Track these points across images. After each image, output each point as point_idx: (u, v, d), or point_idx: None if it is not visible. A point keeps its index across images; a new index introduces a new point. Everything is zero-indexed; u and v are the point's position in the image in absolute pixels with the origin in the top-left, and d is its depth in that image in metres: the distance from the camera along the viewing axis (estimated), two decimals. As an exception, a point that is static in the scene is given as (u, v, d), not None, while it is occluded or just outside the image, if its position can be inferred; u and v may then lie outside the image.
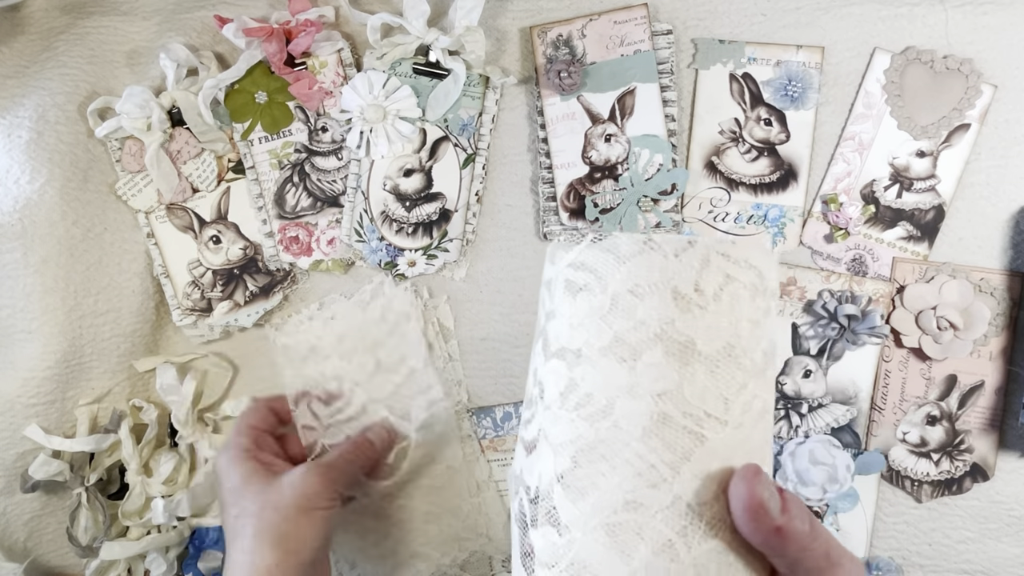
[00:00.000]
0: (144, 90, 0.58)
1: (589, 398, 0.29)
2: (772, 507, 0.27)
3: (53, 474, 0.58)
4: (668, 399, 0.28)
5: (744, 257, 0.30)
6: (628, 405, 0.29)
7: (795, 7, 0.57)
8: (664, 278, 0.29)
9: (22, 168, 0.57)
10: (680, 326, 0.29)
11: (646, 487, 0.28)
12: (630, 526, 0.28)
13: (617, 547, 0.28)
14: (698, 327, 0.29)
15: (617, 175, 0.58)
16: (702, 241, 0.30)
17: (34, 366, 0.58)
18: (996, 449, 0.57)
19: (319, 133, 0.60)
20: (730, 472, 0.28)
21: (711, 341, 0.29)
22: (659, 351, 0.29)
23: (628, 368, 0.29)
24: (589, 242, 0.31)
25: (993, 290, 0.56)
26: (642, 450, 0.28)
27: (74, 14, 0.60)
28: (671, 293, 0.29)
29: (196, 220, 0.61)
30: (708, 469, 0.28)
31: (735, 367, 0.29)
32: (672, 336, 0.29)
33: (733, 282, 0.30)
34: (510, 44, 0.59)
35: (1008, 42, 0.56)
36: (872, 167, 0.57)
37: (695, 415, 0.28)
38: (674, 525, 0.28)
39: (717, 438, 0.28)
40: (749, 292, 0.30)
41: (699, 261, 0.30)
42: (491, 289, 0.60)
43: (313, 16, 0.58)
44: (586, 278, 0.31)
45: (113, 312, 0.60)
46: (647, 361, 0.29)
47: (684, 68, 0.58)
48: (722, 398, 0.29)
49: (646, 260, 0.30)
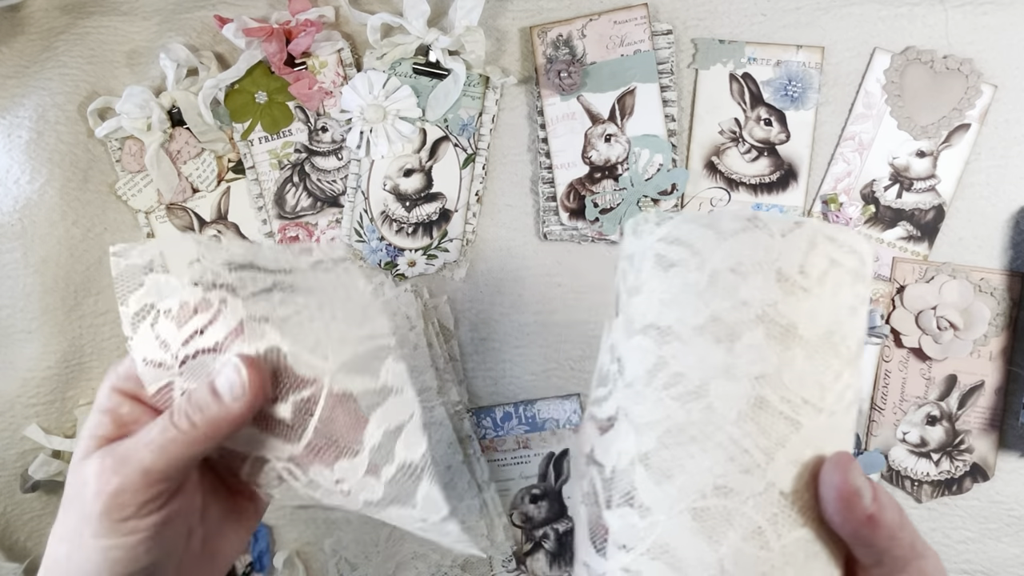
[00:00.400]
0: (144, 90, 0.58)
1: (680, 377, 0.28)
2: (865, 495, 0.27)
3: (53, 474, 0.58)
4: (766, 383, 0.27)
5: (849, 242, 0.29)
6: (724, 387, 0.28)
7: (795, 7, 0.57)
8: (769, 258, 0.28)
9: (22, 168, 0.57)
10: (783, 308, 0.28)
11: (738, 472, 0.27)
12: (719, 511, 0.27)
13: (704, 532, 0.27)
14: (801, 310, 0.28)
15: (617, 175, 0.58)
16: (809, 223, 0.29)
17: (34, 366, 0.58)
18: (996, 449, 0.57)
19: (319, 133, 0.60)
20: (821, 461, 0.27)
21: (813, 326, 0.28)
22: (760, 333, 0.28)
23: (725, 349, 0.28)
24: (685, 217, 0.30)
25: (993, 290, 0.56)
26: (736, 434, 0.27)
27: (74, 14, 0.60)
28: (775, 274, 0.28)
29: (196, 220, 0.61)
30: (802, 457, 0.27)
31: (833, 354, 0.28)
32: (774, 318, 0.28)
33: (837, 267, 0.29)
34: (510, 44, 0.59)
35: (1008, 42, 0.56)
36: (872, 167, 0.57)
37: (792, 401, 0.27)
38: (765, 512, 0.27)
39: (812, 425, 0.28)
40: (851, 278, 0.29)
41: (806, 243, 0.28)
42: (491, 289, 0.60)
43: (313, 16, 0.58)
44: (681, 253, 0.29)
45: (113, 312, 0.60)
46: (747, 342, 0.28)
47: (684, 68, 0.58)
48: (819, 385, 0.28)
49: (750, 238, 0.28)
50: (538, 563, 0.60)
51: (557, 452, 0.60)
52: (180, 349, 0.32)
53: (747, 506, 0.27)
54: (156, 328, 0.32)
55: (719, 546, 0.27)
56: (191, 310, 0.32)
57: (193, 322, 0.32)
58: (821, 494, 0.27)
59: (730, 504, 0.27)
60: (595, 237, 0.59)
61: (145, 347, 0.32)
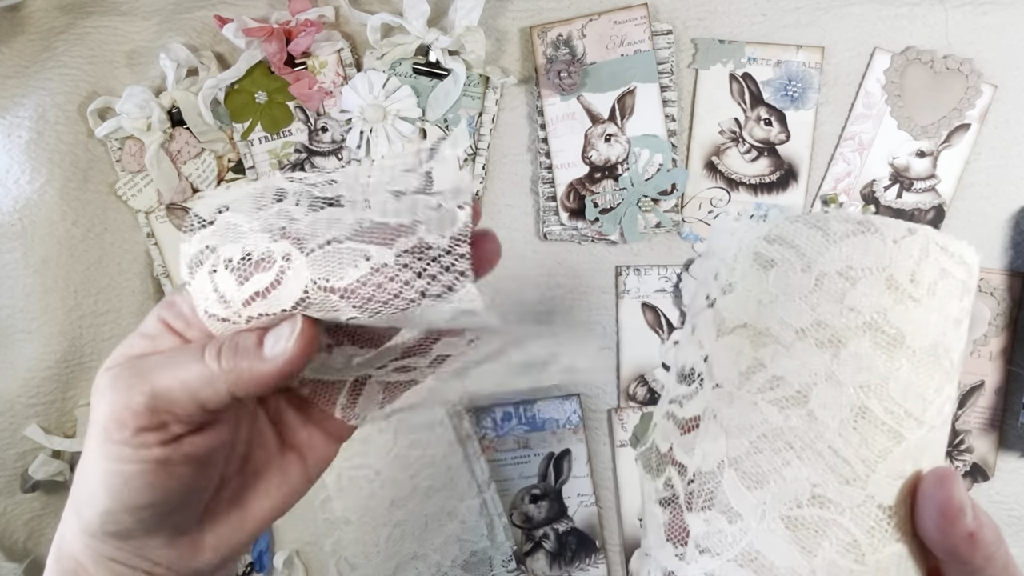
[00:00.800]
0: (144, 90, 0.58)
1: (779, 381, 0.28)
2: (967, 512, 0.26)
3: (53, 474, 0.58)
4: (871, 392, 0.27)
5: (960, 253, 0.29)
6: (826, 394, 0.27)
7: (795, 7, 0.57)
8: (880, 264, 0.27)
9: (22, 168, 0.57)
10: (892, 317, 0.27)
11: (837, 483, 0.26)
12: (815, 521, 0.26)
13: (798, 541, 0.26)
14: (909, 320, 0.27)
15: (617, 175, 0.58)
16: (922, 230, 0.28)
17: (34, 366, 0.58)
18: (996, 449, 0.57)
19: (319, 133, 0.60)
20: (919, 475, 0.27)
21: (920, 337, 0.27)
22: (867, 341, 0.27)
23: (831, 355, 0.27)
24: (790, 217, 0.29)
25: (993, 290, 0.56)
26: (838, 443, 0.27)
27: (74, 14, 0.60)
28: (886, 281, 0.27)
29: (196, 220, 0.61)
30: (902, 471, 0.27)
31: (936, 367, 0.28)
32: (882, 327, 0.27)
33: (948, 277, 0.28)
34: (510, 44, 0.59)
35: (1008, 42, 0.56)
36: (872, 167, 0.57)
37: (896, 412, 0.27)
38: (863, 525, 0.26)
39: (913, 439, 0.27)
40: (959, 290, 0.28)
41: (919, 251, 0.28)
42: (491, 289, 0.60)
43: (313, 16, 0.58)
44: (785, 253, 0.28)
45: (113, 312, 0.60)
46: (853, 350, 0.27)
47: (684, 68, 0.58)
48: (922, 398, 0.27)
49: (862, 242, 0.28)
50: (538, 563, 0.60)
51: (557, 452, 0.60)
52: (242, 309, 0.28)
53: (844, 518, 0.26)
54: (215, 279, 0.29)
55: (812, 557, 0.26)
56: (253, 264, 0.28)
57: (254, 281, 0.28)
58: (921, 509, 0.27)
59: (827, 515, 0.26)
60: (595, 237, 0.59)
61: (206, 299, 0.29)
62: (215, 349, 0.27)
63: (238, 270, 0.28)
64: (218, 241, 0.29)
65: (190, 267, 0.29)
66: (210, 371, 0.27)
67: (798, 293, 0.28)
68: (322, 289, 0.27)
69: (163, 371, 0.27)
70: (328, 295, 0.28)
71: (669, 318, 0.59)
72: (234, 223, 0.29)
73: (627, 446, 0.59)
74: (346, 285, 0.27)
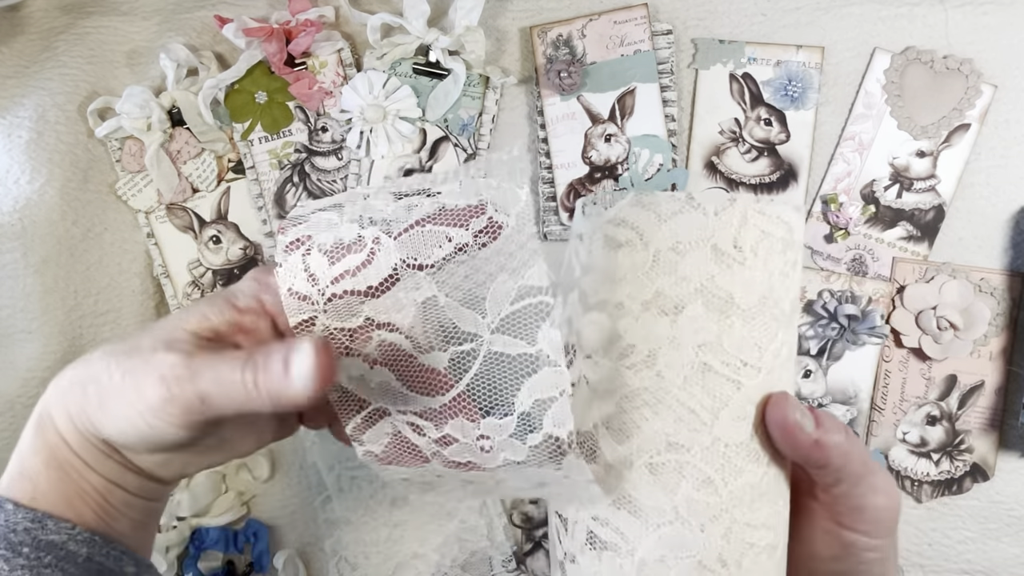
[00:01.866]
0: (144, 90, 0.58)
1: (632, 349, 0.31)
2: (806, 424, 0.30)
3: (53, 474, 0.58)
4: (708, 350, 0.31)
5: (777, 214, 0.32)
6: (670, 356, 0.31)
7: (795, 7, 0.57)
8: (704, 235, 0.31)
9: (22, 168, 0.57)
10: (719, 281, 0.31)
11: (687, 431, 0.31)
12: (672, 465, 0.31)
13: (660, 483, 0.31)
14: (736, 281, 0.31)
15: (617, 175, 0.58)
16: (741, 199, 0.31)
17: (34, 366, 0.58)
18: (996, 449, 0.57)
19: (319, 133, 0.60)
20: (763, 412, 0.31)
21: (748, 294, 0.31)
22: (699, 304, 0.31)
23: (670, 321, 0.31)
24: (630, 201, 0.32)
25: (993, 290, 0.56)
26: (683, 397, 0.31)
27: (74, 14, 0.60)
28: (711, 249, 0.31)
29: (196, 220, 0.61)
30: (744, 412, 0.31)
31: (768, 317, 0.31)
32: (712, 291, 0.31)
33: (768, 238, 0.31)
34: (510, 44, 0.59)
35: (1008, 42, 0.56)
36: (872, 167, 0.57)
37: (733, 364, 0.31)
38: (713, 463, 0.31)
39: (752, 384, 0.31)
40: (781, 246, 0.32)
41: (738, 219, 0.31)
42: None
43: (313, 16, 0.58)
44: (627, 235, 0.32)
45: (113, 312, 0.60)
46: (688, 314, 0.31)
47: (684, 68, 0.58)
48: (756, 347, 0.31)
49: (687, 218, 0.31)
50: (538, 563, 0.60)
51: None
52: (328, 287, 0.31)
53: (696, 459, 0.31)
54: (307, 260, 0.32)
55: (673, 495, 0.31)
56: (345, 248, 0.31)
57: (346, 261, 0.31)
58: (769, 431, 0.31)
59: (682, 458, 0.31)
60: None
61: (293, 277, 0.32)
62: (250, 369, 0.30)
63: (330, 253, 0.31)
64: (313, 231, 0.32)
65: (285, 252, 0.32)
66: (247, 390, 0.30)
67: (640, 269, 0.32)
68: (411, 267, 0.31)
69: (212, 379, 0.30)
70: (416, 272, 0.31)
71: (669, 318, 0.59)
72: (327, 218, 0.32)
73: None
74: (433, 262, 0.31)
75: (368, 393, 0.33)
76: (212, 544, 0.61)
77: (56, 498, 0.32)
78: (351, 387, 0.33)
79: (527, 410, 0.31)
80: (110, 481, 0.33)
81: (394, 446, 0.34)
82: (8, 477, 0.33)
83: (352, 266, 0.31)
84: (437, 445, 0.33)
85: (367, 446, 0.34)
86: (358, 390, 0.33)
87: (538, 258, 0.30)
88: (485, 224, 0.31)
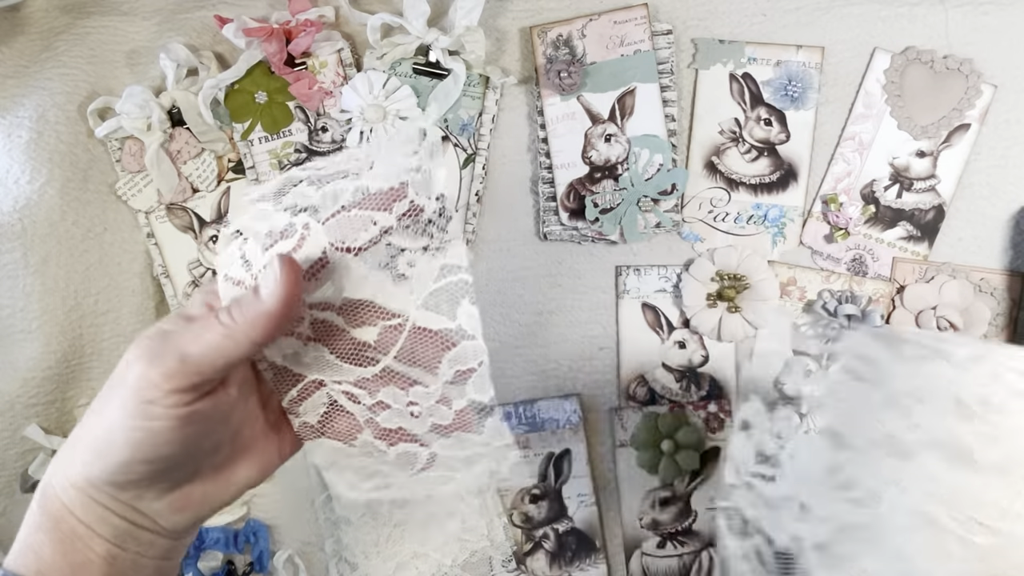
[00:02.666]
0: (144, 90, 0.58)
1: (854, 483, 0.31)
2: None
3: (53, 474, 0.58)
4: (938, 502, 0.29)
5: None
6: (896, 499, 0.30)
7: (795, 7, 0.57)
8: (950, 388, 0.30)
9: (22, 168, 0.57)
10: (958, 434, 0.30)
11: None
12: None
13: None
14: (978, 437, 0.30)
15: (617, 175, 0.58)
16: (994, 354, 0.30)
17: (34, 366, 0.58)
18: (996, 449, 0.57)
19: (319, 133, 0.60)
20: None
21: (991, 452, 0.30)
22: (934, 455, 0.30)
23: (899, 465, 0.30)
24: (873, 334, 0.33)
25: (993, 290, 0.56)
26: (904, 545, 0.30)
27: (74, 14, 0.60)
28: (954, 402, 0.30)
29: (196, 220, 0.61)
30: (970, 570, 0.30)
31: (1016, 478, 0.30)
32: (948, 443, 0.30)
33: (1020, 397, 0.30)
34: (510, 44, 0.59)
35: (1008, 42, 0.56)
36: (872, 167, 0.57)
37: (965, 521, 0.29)
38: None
39: (985, 543, 0.29)
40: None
41: (989, 376, 0.30)
42: (491, 289, 0.60)
43: (313, 16, 0.58)
44: (863, 369, 0.32)
45: (113, 312, 0.60)
46: (920, 462, 0.30)
47: (684, 68, 0.58)
48: (996, 507, 0.29)
49: (932, 367, 0.31)
50: (538, 563, 0.60)
51: (557, 452, 0.60)
52: (261, 271, 0.33)
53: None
54: (243, 248, 0.34)
55: None
56: (278, 234, 0.33)
57: (278, 246, 0.33)
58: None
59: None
60: (595, 237, 0.59)
61: (229, 264, 0.34)
62: (225, 312, 0.32)
63: (263, 239, 0.33)
64: (249, 223, 0.34)
65: (225, 241, 0.34)
66: (227, 328, 0.31)
67: (872, 406, 0.31)
68: (339, 250, 0.33)
69: (189, 339, 0.32)
70: (344, 255, 0.33)
71: (669, 318, 0.59)
72: (262, 209, 0.34)
73: (627, 446, 0.59)
74: (360, 245, 0.33)
75: (303, 368, 0.35)
76: (212, 544, 0.61)
77: (61, 570, 0.32)
78: (285, 363, 0.35)
79: (449, 379, 0.34)
80: (116, 545, 0.33)
81: (330, 415, 0.36)
82: (14, 551, 0.33)
83: (284, 251, 0.33)
84: (370, 412, 0.35)
85: (303, 417, 0.36)
86: (293, 365, 0.35)
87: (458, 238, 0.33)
88: (407, 207, 0.33)
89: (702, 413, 0.59)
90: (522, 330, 0.60)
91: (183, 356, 0.31)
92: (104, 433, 0.32)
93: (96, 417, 0.33)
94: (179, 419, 0.31)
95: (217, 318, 0.32)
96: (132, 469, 0.32)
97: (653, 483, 0.59)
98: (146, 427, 0.31)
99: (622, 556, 0.60)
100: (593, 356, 0.60)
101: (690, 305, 0.58)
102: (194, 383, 0.31)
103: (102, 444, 0.32)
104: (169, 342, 0.32)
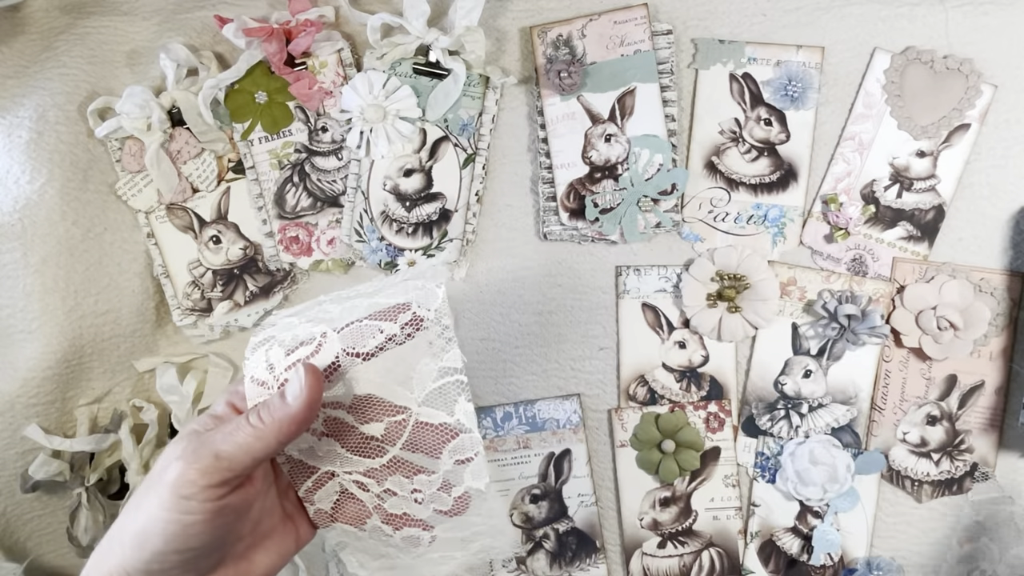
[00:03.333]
0: (144, 90, 0.58)
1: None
2: None
3: (53, 474, 0.58)
4: None
5: None
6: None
7: (795, 7, 0.57)
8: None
9: (22, 168, 0.57)
10: None
11: None
12: None
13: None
14: None
15: (617, 175, 0.58)
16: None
17: (34, 366, 0.58)
18: (996, 449, 0.57)
19: (319, 133, 0.60)
20: None
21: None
22: None
23: None
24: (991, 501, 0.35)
25: (993, 290, 0.56)
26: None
27: (74, 14, 0.60)
28: None
29: (196, 220, 0.61)
30: None
31: None
32: None
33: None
34: (510, 44, 0.59)
35: (1008, 42, 0.56)
36: (872, 167, 0.57)
37: None
38: None
39: None
40: None
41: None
42: (491, 289, 0.60)
43: (313, 16, 0.58)
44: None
45: (113, 312, 0.60)
46: None
47: (684, 68, 0.58)
48: None
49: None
50: (538, 563, 0.60)
51: (557, 452, 0.60)
52: (283, 373, 0.37)
53: None
54: (268, 353, 0.38)
55: None
56: (300, 342, 0.38)
57: (299, 351, 0.37)
58: None
59: None
60: (595, 237, 0.59)
61: (255, 368, 0.38)
62: (254, 414, 0.36)
63: (287, 345, 0.38)
64: (277, 333, 0.39)
65: (253, 348, 0.38)
66: (256, 429, 0.35)
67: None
68: (350, 355, 0.37)
69: (221, 438, 0.35)
70: (354, 359, 0.38)
71: (669, 318, 0.59)
72: (289, 321, 0.40)
73: (627, 446, 0.59)
74: (368, 351, 0.38)
75: (317, 460, 0.40)
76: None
77: None
78: (301, 457, 0.39)
79: (449, 468, 0.39)
80: None
81: (341, 502, 0.40)
82: None
83: (303, 356, 0.37)
84: (378, 499, 0.40)
85: (318, 504, 0.40)
86: (307, 458, 0.39)
87: (454, 344, 0.38)
88: (410, 318, 0.38)
89: (702, 413, 0.59)
90: (522, 330, 0.60)
91: (217, 454, 0.34)
92: (141, 527, 0.34)
93: (134, 512, 0.35)
94: (211, 512, 0.34)
95: (247, 420, 0.36)
96: (166, 559, 0.34)
97: (653, 483, 0.59)
98: (181, 520, 0.34)
99: (622, 556, 0.60)
100: (593, 356, 0.60)
101: (690, 305, 0.58)
102: (226, 479, 0.34)
103: (139, 537, 0.34)
104: (204, 442, 0.35)
